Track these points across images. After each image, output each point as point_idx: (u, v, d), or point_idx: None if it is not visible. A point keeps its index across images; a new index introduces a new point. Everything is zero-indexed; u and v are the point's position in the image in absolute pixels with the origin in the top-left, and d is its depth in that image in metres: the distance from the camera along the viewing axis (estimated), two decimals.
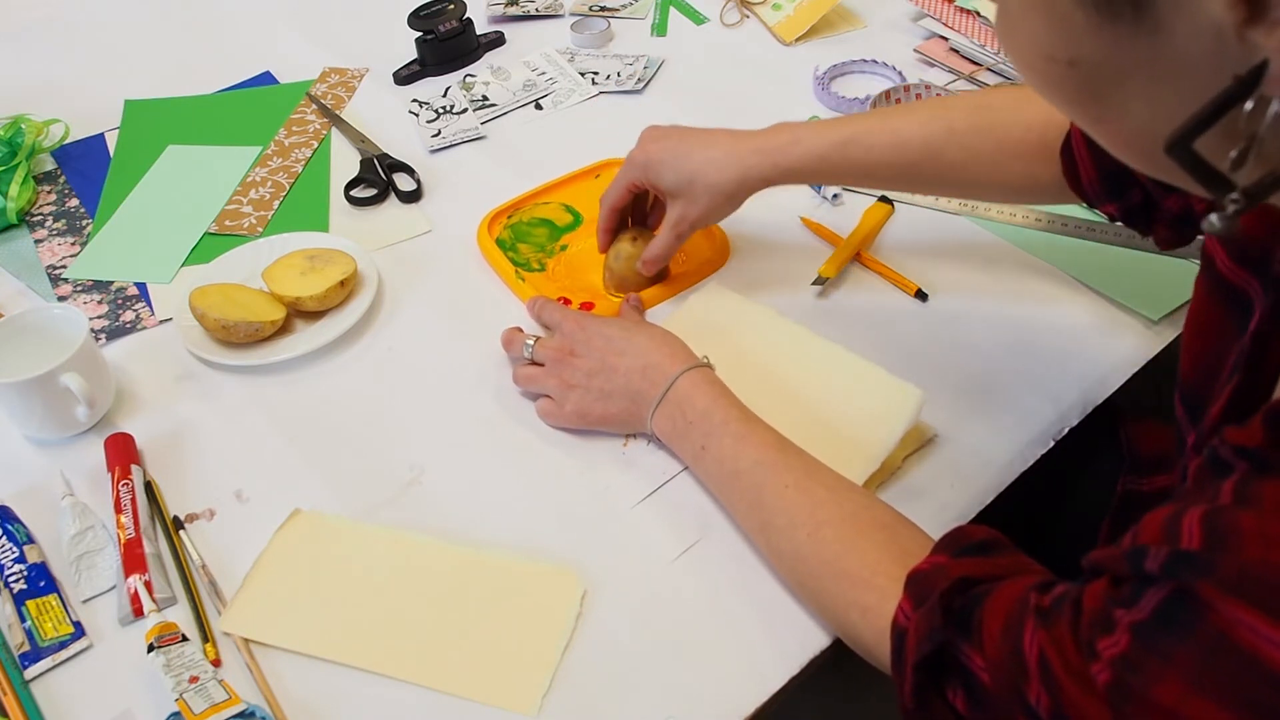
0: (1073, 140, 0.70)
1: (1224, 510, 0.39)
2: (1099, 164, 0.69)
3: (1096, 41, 0.37)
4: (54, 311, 0.81)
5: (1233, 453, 0.41)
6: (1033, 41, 0.40)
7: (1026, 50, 0.41)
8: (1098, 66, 0.38)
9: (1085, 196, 0.72)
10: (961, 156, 0.75)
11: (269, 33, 1.27)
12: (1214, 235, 0.37)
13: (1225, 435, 0.42)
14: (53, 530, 0.72)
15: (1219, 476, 0.41)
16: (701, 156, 0.79)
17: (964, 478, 0.72)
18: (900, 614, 0.54)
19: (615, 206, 0.85)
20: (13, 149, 1.04)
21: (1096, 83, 0.39)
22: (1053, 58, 0.39)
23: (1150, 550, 0.41)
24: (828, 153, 0.77)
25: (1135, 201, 0.69)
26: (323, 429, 0.79)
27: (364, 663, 0.64)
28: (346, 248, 0.91)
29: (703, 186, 0.79)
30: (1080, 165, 0.70)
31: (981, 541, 0.56)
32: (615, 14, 1.26)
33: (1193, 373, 0.55)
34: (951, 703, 0.51)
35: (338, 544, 0.70)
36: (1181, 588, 0.40)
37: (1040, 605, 0.46)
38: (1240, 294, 0.50)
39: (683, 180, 0.80)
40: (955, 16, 1.14)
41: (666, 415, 0.71)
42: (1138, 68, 0.37)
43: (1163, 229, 0.70)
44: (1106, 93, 0.39)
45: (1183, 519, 0.41)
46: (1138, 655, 0.41)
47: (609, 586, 0.67)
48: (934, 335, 0.82)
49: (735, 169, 0.78)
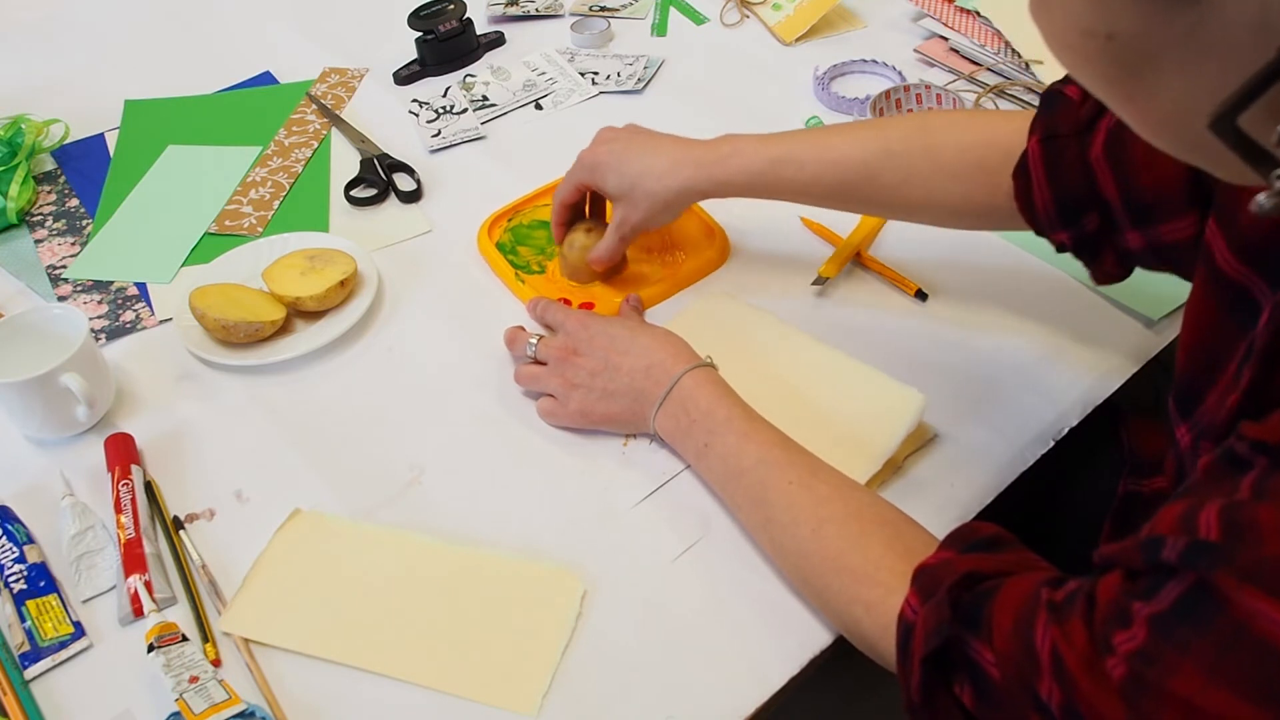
0: (1029, 162, 0.68)
1: (1243, 504, 0.39)
2: (1056, 188, 0.67)
3: (1137, 13, 0.36)
4: (54, 311, 0.80)
5: (1251, 448, 0.41)
6: (1069, 15, 0.39)
7: (1062, 24, 0.40)
8: (1136, 39, 0.37)
9: (1036, 222, 0.70)
10: (897, 177, 0.75)
11: (269, 33, 1.27)
12: (1264, 216, 0.36)
13: (1243, 430, 0.42)
14: (53, 530, 0.72)
15: (1237, 472, 0.41)
16: (643, 164, 0.80)
17: (964, 477, 0.72)
18: (907, 608, 0.54)
19: (565, 202, 0.87)
20: (13, 149, 1.04)
21: (1134, 57, 0.38)
22: (1090, 31, 0.38)
23: (1167, 540, 0.41)
24: (762, 169, 0.77)
25: (1089, 230, 0.67)
26: (323, 429, 0.79)
27: (364, 663, 0.64)
28: (346, 248, 0.91)
29: (642, 193, 0.80)
30: (1035, 188, 0.68)
31: (989, 538, 0.56)
32: (615, 14, 1.26)
33: (1188, 366, 0.55)
34: (958, 697, 0.51)
35: (338, 544, 0.70)
36: (1203, 579, 0.40)
37: (1052, 600, 0.46)
38: (1242, 290, 0.50)
39: (624, 186, 0.81)
40: (955, 16, 1.14)
41: (669, 414, 0.71)
42: (1178, 40, 0.36)
43: (1109, 262, 0.69)
44: (1143, 68, 0.38)
45: (1200, 512, 0.41)
46: (1155, 647, 0.41)
47: (609, 586, 0.67)
48: (934, 335, 0.82)
49: (673, 179, 0.79)
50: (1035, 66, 1.04)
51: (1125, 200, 0.64)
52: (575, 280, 0.89)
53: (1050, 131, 0.67)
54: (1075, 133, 0.66)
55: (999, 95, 1.04)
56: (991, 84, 1.05)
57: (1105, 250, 0.68)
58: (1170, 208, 0.62)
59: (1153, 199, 0.63)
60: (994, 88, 1.04)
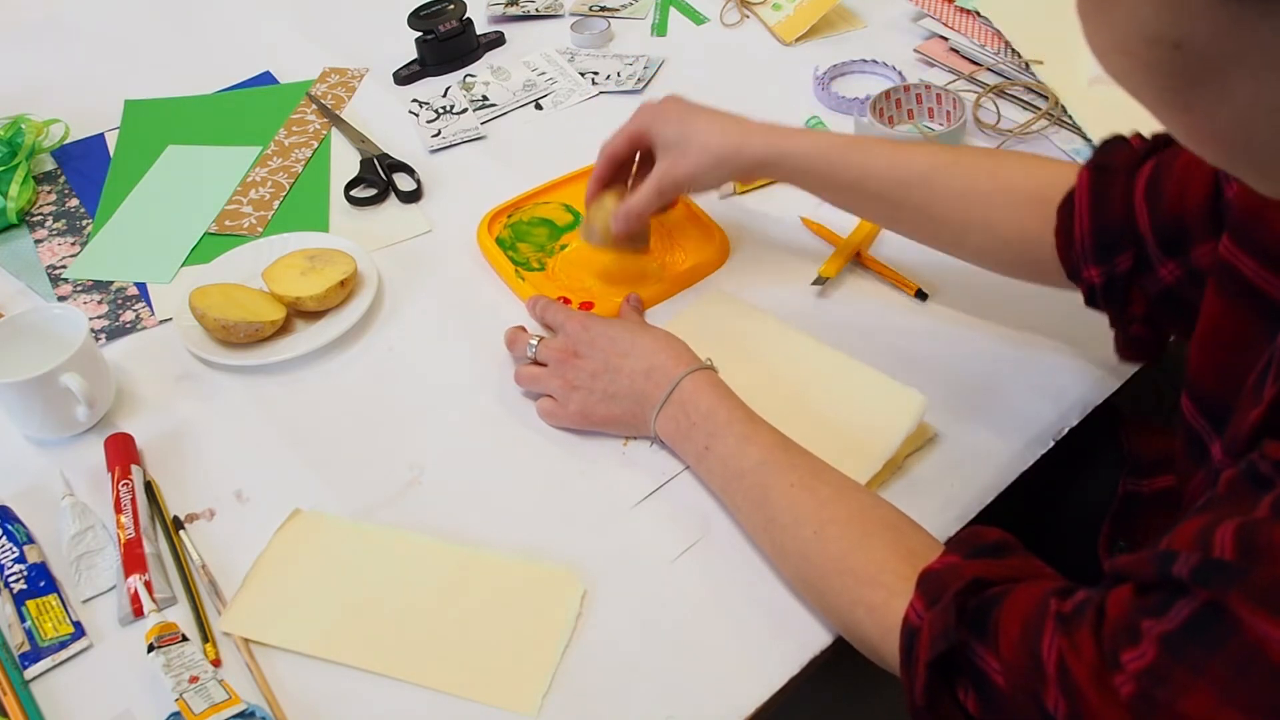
0: (1076, 193, 0.67)
1: (1261, 524, 0.39)
2: (1097, 218, 0.66)
3: (1214, 21, 0.35)
4: (54, 311, 0.81)
5: (1274, 468, 0.41)
6: (1135, 21, 0.37)
7: (1123, 31, 0.38)
8: (1206, 48, 0.36)
9: (1071, 258, 0.68)
10: (957, 186, 0.73)
11: (269, 33, 1.27)
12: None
13: (1266, 450, 0.41)
14: (53, 530, 0.72)
15: (1258, 490, 0.41)
16: (708, 120, 0.80)
17: (964, 477, 0.71)
18: (912, 612, 0.54)
19: (613, 154, 0.84)
20: (13, 149, 1.04)
21: (1199, 68, 0.37)
22: (1156, 39, 0.37)
23: (1180, 556, 0.41)
24: (828, 149, 0.76)
25: (1120, 270, 0.66)
26: (323, 429, 0.79)
27: (364, 663, 0.64)
28: (346, 248, 0.91)
29: (697, 144, 0.79)
30: (1077, 219, 0.67)
31: (995, 543, 0.56)
32: (615, 14, 1.26)
33: (1211, 381, 0.54)
34: (962, 703, 0.51)
35: (338, 544, 0.70)
36: (1214, 600, 0.39)
37: (1061, 611, 0.46)
38: (1268, 299, 0.50)
39: (680, 135, 0.80)
40: (955, 16, 1.14)
41: (670, 416, 0.71)
42: (1252, 51, 0.35)
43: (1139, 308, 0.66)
44: (1207, 79, 0.37)
45: (1216, 530, 0.40)
46: (1166, 667, 0.40)
47: (609, 586, 0.67)
48: (934, 335, 0.82)
49: (735, 136, 0.78)
50: (1035, 66, 1.04)
51: (1157, 233, 0.63)
52: (589, 242, 0.85)
53: (1102, 164, 0.67)
54: (1125, 168, 0.65)
55: (999, 95, 1.04)
56: (991, 84, 1.05)
57: (1134, 294, 0.66)
58: (1197, 233, 0.61)
59: (1180, 226, 0.62)
60: (994, 88, 1.04)
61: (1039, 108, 1.01)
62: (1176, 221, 0.62)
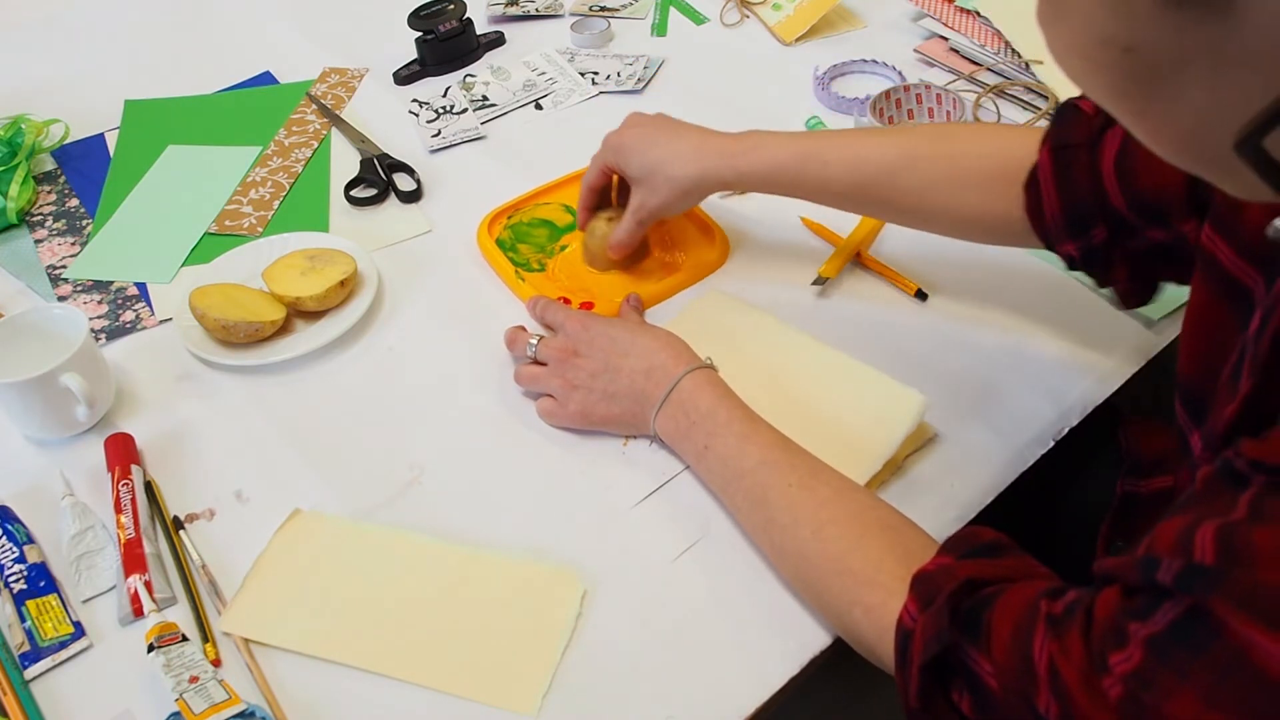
0: (1039, 173, 0.68)
1: (1239, 526, 0.39)
2: (1065, 198, 0.67)
3: (1160, 25, 0.35)
4: (54, 311, 0.81)
5: (1249, 466, 0.41)
6: (1087, 24, 0.38)
7: (1078, 34, 0.39)
8: (1156, 52, 0.36)
9: (1045, 234, 0.71)
10: (917, 180, 0.75)
11: (269, 33, 1.27)
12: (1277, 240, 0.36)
13: (1242, 448, 0.41)
14: (53, 530, 0.72)
15: (1235, 487, 0.41)
16: (667, 150, 0.80)
17: (964, 477, 0.72)
18: (906, 615, 0.54)
19: (591, 186, 0.88)
20: (13, 149, 1.04)
21: (1151, 70, 0.37)
22: (1108, 42, 0.37)
23: (1163, 561, 0.41)
24: (786, 162, 0.78)
25: (1096, 242, 0.67)
26: (323, 429, 0.79)
27: (364, 663, 0.64)
28: (346, 248, 0.91)
29: (663, 178, 0.80)
30: (1045, 199, 0.69)
31: (988, 543, 0.56)
32: (615, 14, 1.26)
33: (1193, 371, 0.55)
34: (956, 704, 0.51)
35: (338, 544, 0.70)
36: (1196, 605, 0.39)
37: (1051, 613, 0.46)
38: (1244, 290, 0.50)
39: (646, 169, 0.81)
40: (955, 16, 1.14)
41: (669, 416, 0.71)
42: (1201, 54, 0.35)
43: (1122, 274, 0.69)
44: (1160, 82, 0.37)
45: (1196, 532, 0.40)
46: (1151, 670, 0.41)
47: (609, 586, 0.67)
48: (934, 335, 0.82)
49: (695, 166, 0.79)
50: (1035, 66, 1.04)
51: (1134, 209, 0.64)
52: (594, 267, 0.89)
53: (1061, 141, 0.67)
54: (1086, 143, 0.66)
55: (999, 95, 1.04)
56: (991, 84, 1.05)
57: (1116, 261, 0.68)
58: (1176, 214, 0.62)
59: (1159, 202, 0.63)
60: (994, 88, 1.04)
61: (1039, 108, 1.01)
62: (1156, 198, 0.63)
